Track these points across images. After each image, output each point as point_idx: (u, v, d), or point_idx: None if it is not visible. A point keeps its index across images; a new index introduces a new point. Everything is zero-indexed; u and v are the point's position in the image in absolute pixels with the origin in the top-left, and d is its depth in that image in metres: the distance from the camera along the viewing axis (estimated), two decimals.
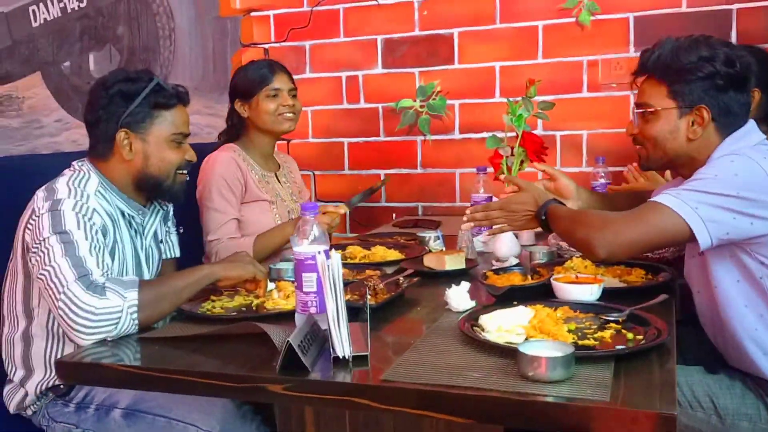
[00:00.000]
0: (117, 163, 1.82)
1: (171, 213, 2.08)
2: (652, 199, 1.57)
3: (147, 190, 1.86)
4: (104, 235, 1.71)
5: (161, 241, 2.01)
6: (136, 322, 1.52)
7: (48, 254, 1.58)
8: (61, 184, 1.73)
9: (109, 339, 1.50)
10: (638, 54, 1.74)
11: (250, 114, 2.52)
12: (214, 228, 2.39)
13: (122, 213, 1.83)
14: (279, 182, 2.60)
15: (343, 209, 2.34)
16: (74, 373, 1.44)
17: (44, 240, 1.61)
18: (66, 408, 1.74)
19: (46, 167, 1.94)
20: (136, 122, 1.80)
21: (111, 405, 1.70)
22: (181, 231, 2.17)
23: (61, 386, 1.75)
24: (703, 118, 1.62)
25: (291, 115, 2.53)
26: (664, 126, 1.66)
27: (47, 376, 1.75)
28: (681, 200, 1.50)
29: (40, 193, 1.71)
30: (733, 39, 2.75)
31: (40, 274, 1.57)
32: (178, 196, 1.91)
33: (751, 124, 1.66)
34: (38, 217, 1.65)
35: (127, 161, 1.81)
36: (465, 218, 1.80)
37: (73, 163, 1.84)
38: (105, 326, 1.49)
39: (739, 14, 2.74)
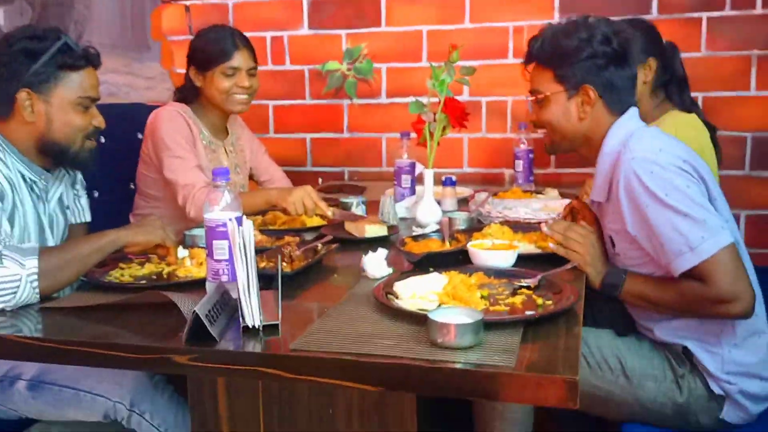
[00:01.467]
0: (18, 124, 1.72)
1: (80, 176, 1.99)
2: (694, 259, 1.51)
3: (51, 155, 1.77)
4: (1, 200, 1.62)
5: (67, 207, 1.92)
6: (37, 291, 1.45)
7: None
8: None
9: (7, 309, 1.43)
10: (563, 21, 1.77)
11: (204, 85, 2.41)
12: (182, 173, 2.26)
13: (23, 177, 1.74)
14: (226, 152, 2.52)
15: (330, 212, 2.11)
16: None
17: None
18: None
19: None
20: (39, 82, 1.70)
21: (15, 376, 1.64)
22: (96, 195, 2.09)
23: None
24: (590, 97, 1.68)
25: (245, 97, 2.42)
26: (556, 109, 1.73)
27: None
28: (694, 242, 1.49)
29: None
30: (654, 9, 2.79)
31: None
32: (86, 164, 1.82)
33: (632, 111, 1.71)
34: None
35: (29, 123, 1.71)
36: (544, 228, 1.70)
37: None
38: (3, 296, 1.42)
39: None
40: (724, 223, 1.53)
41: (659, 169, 1.53)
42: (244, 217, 1.42)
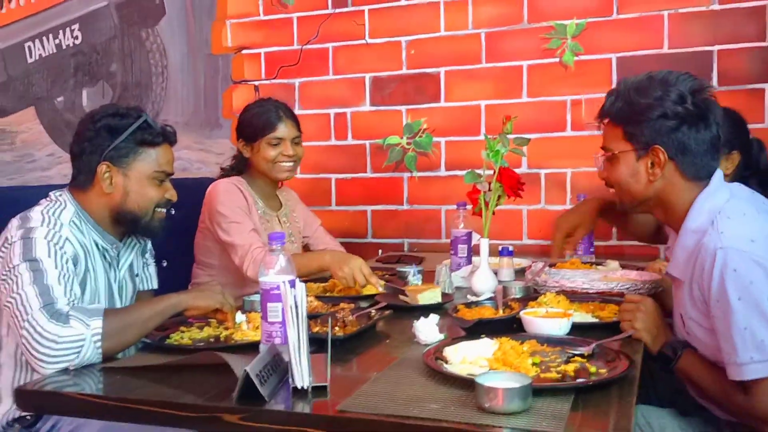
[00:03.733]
0: (96, 195, 1.83)
1: (149, 246, 2.08)
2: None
3: (124, 224, 1.87)
4: (75, 264, 1.71)
5: (137, 275, 2.01)
6: (100, 351, 1.51)
7: (16, 281, 1.58)
8: (36, 212, 1.74)
9: (71, 368, 1.49)
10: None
11: (251, 156, 2.55)
12: (238, 235, 2.35)
13: (96, 245, 1.84)
14: (279, 223, 2.61)
15: (381, 287, 2.16)
16: (34, 401, 1.42)
17: (14, 267, 1.61)
18: None
19: (35, 198, 1.95)
20: (119, 156, 1.82)
21: None
22: (165, 264, 2.17)
23: (28, 417, 1.73)
24: (660, 159, 1.60)
25: (290, 164, 2.54)
26: (624, 169, 1.65)
27: (15, 406, 1.73)
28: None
29: (15, 221, 1.72)
30: (714, 80, 2.78)
31: (8, 301, 1.57)
32: (155, 233, 1.91)
33: (717, 179, 1.61)
34: (11, 244, 1.66)
35: (107, 194, 1.82)
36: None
37: (51, 192, 1.86)
38: (67, 355, 1.48)
39: (720, 56, 2.78)
40: None
41: (744, 267, 1.43)
42: (298, 280, 1.45)
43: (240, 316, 1.79)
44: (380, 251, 3.25)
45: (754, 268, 1.43)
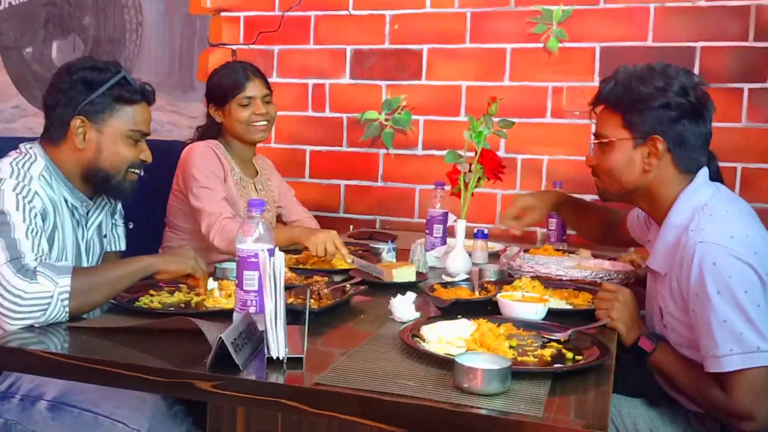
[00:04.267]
0: (68, 150, 1.77)
1: (119, 206, 2.02)
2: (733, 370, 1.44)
3: (94, 182, 1.81)
4: (44, 220, 1.66)
5: (105, 235, 1.96)
6: (67, 309, 1.47)
7: None
8: (4, 164, 1.67)
9: (37, 325, 1.45)
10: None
11: (224, 120, 2.51)
12: (209, 202, 2.31)
13: (66, 201, 1.78)
14: (255, 190, 2.57)
15: (350, 259, 2.14)
16: None
17: None
18: None
19: None
20: (94, 112, 1.76)
21: (37, 396, 1.63)
22: (131, 226, 2.12)
23: None
24: (658, 149, 1.59)
25: (264, 123, 2.51)
26: (619, 157, 1.64)
27: None
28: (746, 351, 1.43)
29: None
30: None
31: None
32: (125, 194, 1.85)
33: (703, 175, 1.62)
34: None
35: (79, 150, 1.76)
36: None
37: (21, 145, 1.78)
38: (33, 311, 1.43)
39: (703, 52, 2.80)
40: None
41: (723, 262, 1.44)
42: (277, 249, 1.42)
43: (212, 283, 1.76)
44: (351, 226, 3.22)
45: (733, 262, 1.44)
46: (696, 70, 2.80)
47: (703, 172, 1.63)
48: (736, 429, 1.49)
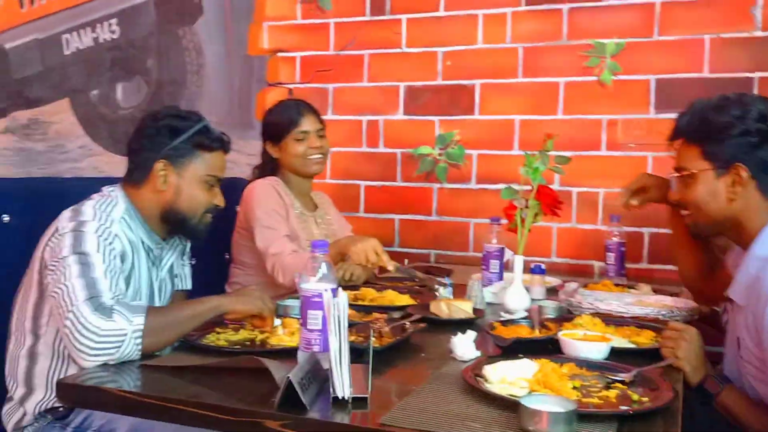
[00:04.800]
0: (148, 192, 1.86)
1: (188, 246, 2.09)
2: None
3: (171, 224, 1.89)
4: (122, 261, 1.74)
5: (176, 275, 2.04)
6: (140, 347, 1.52)
7: (64, 273, 1.60)
8: (88, 206, 1.76)
9: (111, 362, 1.50)
10: (659, 115, 1.75)
11: (280, 156, 2.60)
12: (270, 242, 2.38)
13: (142, 243, 1.86)
14: (316, 223, 2.63)
15: (392, 266, 2.27)
16: (74, 394, 1.43)
17: (63, 259, 1.63)
18: (63, 431, 1.73)
19: (66, 190, 1.97)
20: (176, 156, 1.86)
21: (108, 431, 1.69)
22: (193, 262, 2.18)
23: (61, 408, 1.74)
24: (741, 177, 1.60)
25: (319, 157, 2.59)
26: (703, 188, 1.65)
27: (47, 396, 1.74)
28: None
29: (66, 213, 1.74)
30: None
31: (54, 291, 1.59)
32: (199, 235, 1.95)
33: None
34: (61, 236, 1.68)
35: (159, 192, 1.85)
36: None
37: (104, 188, 1.88)
38: (108, 348, 1.49)
39: (761, 82, 2.75)
40: None
41: None
42: (340, 288, 1.45)
43: (276, 321, 1.79)
44: (406, 261, 3.23)
45: None
46: (756, 92, 2.75)
47: None
48: None
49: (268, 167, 2.65)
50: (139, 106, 3.77)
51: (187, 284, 2.10)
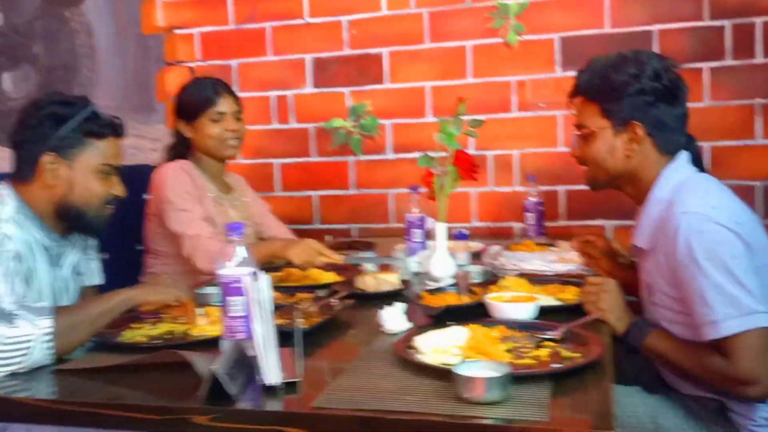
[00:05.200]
0: (39, 188, 1.72)
1: (91, 241, 1.97)
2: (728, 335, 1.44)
3: (68, 220, 1.77)
4: (19, 261, 1.62)
5: (80, 273, 1.91)
6: (52, 351, 1.41)
7: None
8: None
9: (21, 371, 1.39)
10: (565, 74, 1.77)
11: (194, 136, 2.46)
12: (187, 224, 2.25)
13: (38, 242, 1.73)
14: (232, 206, 2.53)
15: (341, 258, 2.13)
16: None
17: None
18: None
19: None
20: (64, 147, 1.72)
21: None
22: (106, 256, 2.06)
23: None
24: (638, 134, 1.64)
25: (235, 141, 2.48)
26: (601, 145, 1.68)
27: None
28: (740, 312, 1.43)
29: None
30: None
31: None
32: (99, 230, 1.82)
33: (684, 156, 1.66)
34: None
35: (50, 187, 1.72)
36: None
37: None
38: (15, 357, 1.38)
39: (661, 35, 2.82)
40: (763, 303, 1.44)
41: (708, 230, 1.47)
42: (261, 271, 1.39)
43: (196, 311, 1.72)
44: (328, 237, 3.19)
45: (719, 229, 1.48)
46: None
47: (684, 154, 1.67)
48: (741, 396, 1.49)
49: (180, 147, 2.51)
50: (30, 95, 3.55)
51: (96, 279, 1.97)
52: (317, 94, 3.22)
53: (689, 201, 1.54)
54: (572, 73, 1.80)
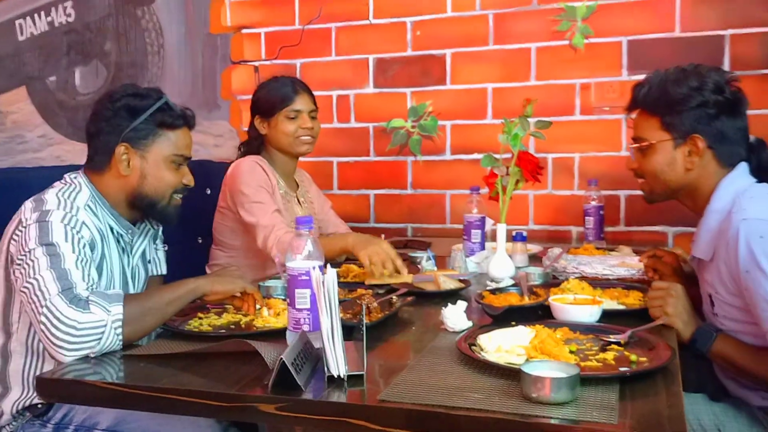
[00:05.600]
0: (112, 177, 1.77)
1: (160, 231, 2.02)
2: None
3: (139, 209, 1.81)
4: (92, 250, 1.66)
5: (149, 261, 1.96)
6: (121, 337, 1.46)
7: (33, 266, 1.52)
8: (51, 195, 1.67)
9: (92, 355, 1.44)
10: (631, 77, 1.77)
11: (269, 132, 2.50)
12: (262, 215, 2.29)
13: (111, 229, 1.78)
14: (299, 203, 2.57)
15: (405, 273, 2.07)
16: (55, 390, 1.36)
17: (30, 252, 1.55)
18: (44, 428, 1.67)
19: (27, 181, 1.88)
20: (137, 138, 1.76)
21: (91, 426, 1.63)
22: (165, 248, 2.12)
23: (39, 405, 1.68)
24: (698, 147, 1.63)
25: (309, 138, 2.51)
26: (661, 158, 1.67)
27: (25, 394, 1.68)
28: None
29: (28, 204, 1.66)
30: (726, 64, 2.76)
31: (24, 287, 1.51)
32: (170, 219, 1.85)
33: (743, 166, 1.64)
34: (25, 228, 1.60)
35: (123, 177, 1.76)
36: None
37: (66, 175, 1.79)
38: (88, 341, 1.42)
39: (733, 40, 2.75)
40: None
41: None
42: (328, 265, 1.41)
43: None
44: (383, 236, 3.20)
45: None
46: (726, 59, 2.76)
47: (743, 164, 1.65)
48: None
49: (255, 143, 2.56)
50: (99, 91, 3.67)
51: (162, 269, 2.02)
52: (378, 94, 3.23)
53: (749, 208, 1.51)
54: (638, 77, 1.78)
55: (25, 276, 1.52)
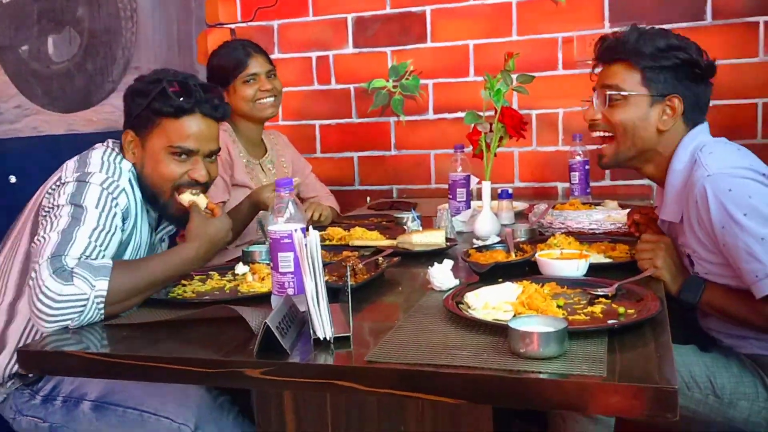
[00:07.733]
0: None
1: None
2: None
3: (148, 200, 1.72)
4: (125, 219, 1.61)
5: (163, 240, 1.90)
6: (102, 312, 1.41)
7: (51, 223, 1.48)
8: (95, 156, 1.63)
9: (71, 326, 1.40)
10: (614, 30, 1.72)
11: (229, 100, 2.44)
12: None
13: (143, 203, 1.71)
14: (263, 170, 2.52)
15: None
16: (37, 361, 1.34)
17: (58, 207, 1.51)
18: (33, 400, 1.64)
19: (4, 153, 1.84)
20: (139, 126, 1.68)
21: (79, 397, 1.61)
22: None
23: (29, 375, 1.65)
24: (675, 108, 1.59)
25: (271, 99, 2.46)
26: (633, 113, 1.62)
27: (15, 359, 1.64)
28: None
29: (70, 164, 1.62)
30: (708, 15, 2.72)
31: (35, 240, 1.47)
32: (171, 219, 1.75)
33: (700, 126, 1.63)
34: (63, 183, 1.56)
35: (134, 164, 1.70)
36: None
37: (109, 140, 1.74)
38: (67, 314, 1.38)
39: None
40: None
41: (737, 185, 1.44)
42: (310, 227, 1.38)
43: (243, 268, 1.73)
44: (368, 198, 3.18)
45: (747, 183, 1.45)
46: (708, 7, 2.72)
47: (703, 124, 1.64)
48: None
49: None
50: (73, 59, 3.57)
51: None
52: (358, 54, 3.18)
53: (711, 164, 1.50)
54: (621, 29, 1.71)
55: (41, 229, 1.48)
